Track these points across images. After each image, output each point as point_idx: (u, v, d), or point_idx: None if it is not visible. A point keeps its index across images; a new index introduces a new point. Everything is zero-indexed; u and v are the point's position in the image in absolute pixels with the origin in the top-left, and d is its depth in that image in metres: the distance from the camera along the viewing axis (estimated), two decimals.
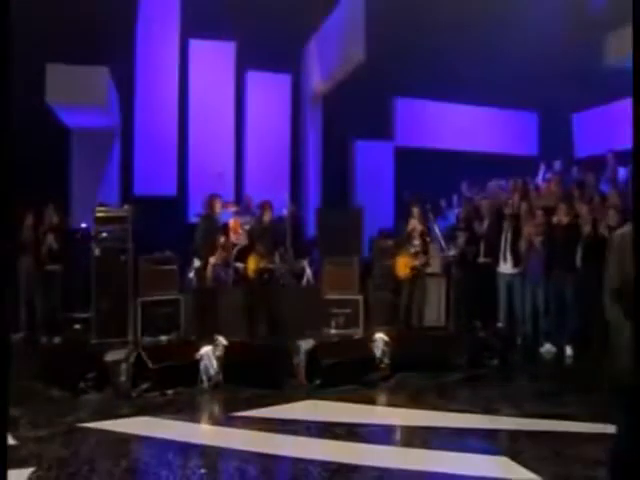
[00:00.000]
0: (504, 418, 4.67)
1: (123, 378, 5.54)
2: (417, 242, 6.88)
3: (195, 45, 9.73)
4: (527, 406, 4.91)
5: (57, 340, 7.29)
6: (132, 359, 5.62)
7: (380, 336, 6.32)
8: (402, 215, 8.93)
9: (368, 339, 6.13)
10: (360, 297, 8.22)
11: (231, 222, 8.80)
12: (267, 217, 7.23)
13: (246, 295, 7.46)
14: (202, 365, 5.56)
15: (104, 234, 7.25)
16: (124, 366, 5.82)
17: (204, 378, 5.54)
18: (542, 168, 8.94)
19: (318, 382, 5.46)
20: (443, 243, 6.76)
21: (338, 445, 4.20)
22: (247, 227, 8.50)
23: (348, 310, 8.22)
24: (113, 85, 8.71)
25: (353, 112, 9.83)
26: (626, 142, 8.24)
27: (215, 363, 5.60)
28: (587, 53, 9.44)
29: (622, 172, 7.44)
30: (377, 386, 5.62)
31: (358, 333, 8.10)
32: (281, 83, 10.20)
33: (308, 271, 8.47)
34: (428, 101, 10.66)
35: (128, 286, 6.95)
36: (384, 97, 10.45)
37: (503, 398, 5.15)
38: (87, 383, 5.32)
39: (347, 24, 8.39)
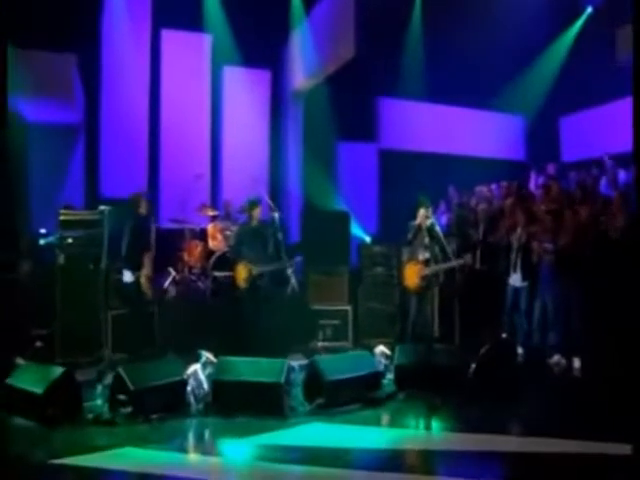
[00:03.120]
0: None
1: (99, 402, 4.97)
2: (427, 240, 6.48)
3: (167, 35, 9.15)
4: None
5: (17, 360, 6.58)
6: (109, 380, 5.06)
7: (381, 349, 5.95)
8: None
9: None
10: (349, 307, 7.87)
11: (209, 227, 8.29)
12: (256, 218, 6.68)
13: (234, 306, 6.92)
14: (190, 385, 5.03)
15: (69, 240, 6.65)
16: (99, 388, 5.26)
17: (192, 400, 5.01)
18: (533, 174, 8.78)
19: (320, 401, 5.01)
20: (449, 250, 6.45)
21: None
22: (228, 233, 8.01)
23: (336, 321, 7.86)
24: (78, 76, 8.08)
25: (336, 112, 9.47)
26: (617, 145, 8.18)
27: (205, 383, 5.07)
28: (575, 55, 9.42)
29: (622, 175, 7.32)
30: (383, 404, 5.21)
31: (348, 345, 7.75)
32: (260, 79, 9.73)
33: (293, 279, 8.00)
34: (413, 102, 10.39)
35: (98, 298, 6.34)
36: (368, 97, 10.14)
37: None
38: (55, 410, 4.70)
39: (335, 19, 8.05)
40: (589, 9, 9.35)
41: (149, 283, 6.31)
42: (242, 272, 6.63)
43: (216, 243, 8.13)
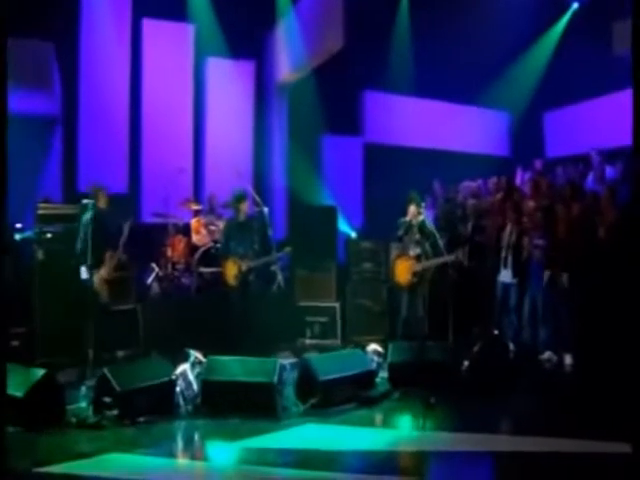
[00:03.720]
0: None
1: (83, 405, 4.76)
2: (417, 236, 6.41)
3: (149, 25, 8.86)
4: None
5: None
6: (93, 381, 4.85)
7: (373, 347, 5.85)
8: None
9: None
10: (337, 304, 7.75)
11: (193, 222, 8.08)
12: (243, 212, 6.51)
13: (221, 303, 6.75)
14: (179, 386, 4.85)
15: (49, 235, 6.38)
16: (83, 390, 5.05)
17: (181, 402, 4.84)
18: (519, 171, 8.75)
19: (314, 401, 4.88)
20: (441, 246, 6.38)
21: None
22: (212, 227, 7.81)
23: (324, 318, 7.73)
24: (56, 65, 7.76)
25: (321, 105, 9.32)
26: (603, 141, 8.18)
27: (194, 384, 4.90)
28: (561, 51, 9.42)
29: (609, 170, 7.33)
30: (379, 404, 5.10)
31: (336, 343, 7.63)
32: (244, 71, 9.51)
33: (279, 276, 7.84)
34: (398, 96, 10.29)
35: (80, 295, 6.08)
36: (354, 90, 10.01)
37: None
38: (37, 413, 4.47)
39: (323, 9, 7.89)
40: (575, 5, 9.37)
41: (107, 284, 5.98)
42: (231, 268, 6.46)
43: (200, 238, 7.92)
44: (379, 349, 5.83)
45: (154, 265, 7.63)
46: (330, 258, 7.92)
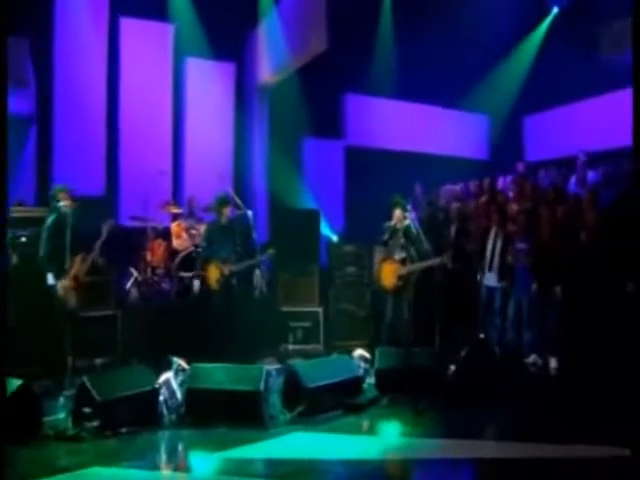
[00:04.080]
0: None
1: (61, 416, 4.58)
2: (403, 241, 6.38)
3: (127, 24, 8.66)
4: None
5: None
6: (72, 391, 4.67)
7: (360, 353, 5.77)
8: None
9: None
10: (320, 309, 7.67)
11: (173, 226, 7.91)
12: (226, 215, 6.40)
13: (202, 309, 6.60)
14: (162, 395, 4.70)
15: (23, 239, 6.18)
16: (61, 400, 4.86)
17: (164, 411, 4.68)
18: (501, 174, 8.79)
19: (300, 409, 4.77)
20: (428, 249, 6.34)
21: None
22: (193, 231, 7.66)
23: (307, 323, 7.64)
24: (30, 62, 7.52)
25: (303, 107, 9.24)
26: (584, 144, 8.23)
27: (178, 392, 4.76)
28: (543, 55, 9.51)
29: (590, 174, 7.40)
30: (367, 411, 5.03)
31: (319, 349, 7.55)
32: (224, 72, 9.36)
33: (261, 280, 7.72)
34: (380, 99, 10.27)
35: (47, 301, 5.86)
36: (335, 93, 9.96)
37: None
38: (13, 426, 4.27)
39: (306, 9, 7.80)
40: (555, 10, 9.47)
41: (76, 289, 5.75)
42: (214, 273, 6.33)
43: (181, 242, 7.76)
44: (365, 355, 5.76)
45: (133, 270, 7.45)
46: (313, 262, 7.83)
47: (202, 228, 7.89)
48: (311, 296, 7.72)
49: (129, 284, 7.37)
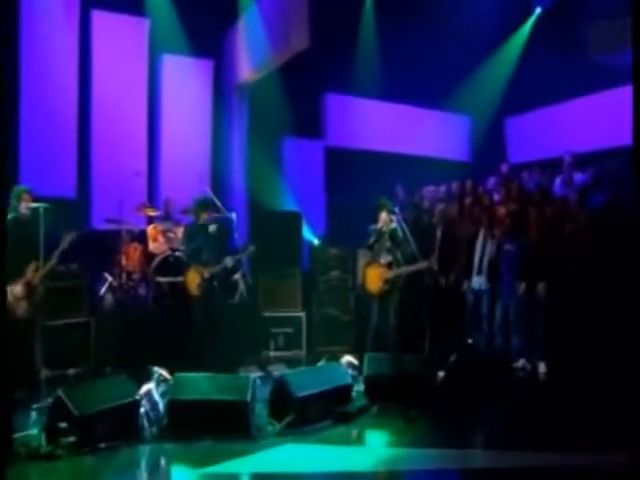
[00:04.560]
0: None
1: (34, 432, 4.33)
2: (389, 244, 6.30)
3: (99, 17, 8.38)
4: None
5: None
6: (46, 404, 4.43)
7: (347, 360, 5.66)
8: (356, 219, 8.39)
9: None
10: (303, 314, 7.54)
11: (149, 229, 7.69)
12: (205, 218, 6.25)
13: (180, 315, 6.41)
14: (143, 407, 4.50)
15: None
16: (34, 415, 4.62)
17: (146, 424, 4.48)
18: (485, 175, 8.79)
19: (289, 419, 4.62)
20: (416, 252, 6.26)
21: None
22: (171, 235, 7.45)
23: (289, 329, 7.51)
24: None
25: (283, 106, 9.11)
26: (569, 146, 8.26)
27: (160, 404, 4.56)
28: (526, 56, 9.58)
29: (578, 175, 7.45)
30: (357, 420, 4.91)
31: (301, 354, 7.42)
32: (202, 69, 9.15)
33: (241, 285, 7.56)
34: (361, 99, 10.20)
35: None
36: (316, 92, 9.86)
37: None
38: None
39: (287, 6, 7.67)
40: (538, 10, 9.54)
41: (25, 298, 5.47)
42: (193, 277, 6.15)
43: (157, 245, 7.54)
44: (353, 361, 5.65)
45: (107, 275, 7.21)
46: (295, 266, 7.71)
47: (180, 231, 7.70)
48: (293, 301, 7.59)
49: (103, 290, 7.13)
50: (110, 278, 7.15)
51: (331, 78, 9.42)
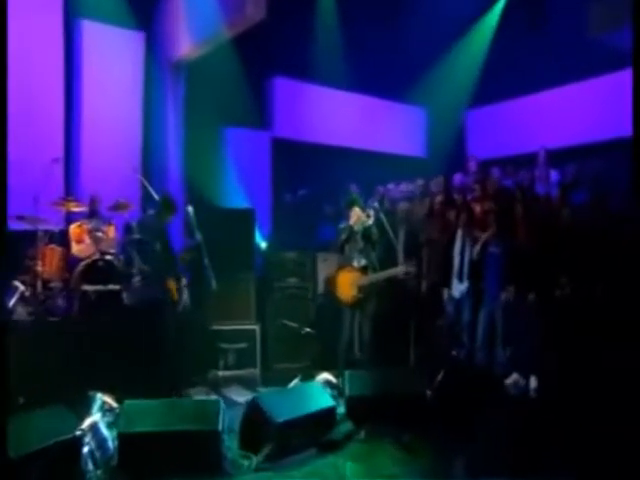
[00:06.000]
0: None
1: None
2: (361, 244, 6.11)
3: None
4: None
5: None
6: None
7: (325, 378, 5.40)
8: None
9: None
10: (257, 327, 7.18)
11: (73, 228, 7.05)
12: (168, 219, 5.89)
13: (112, 330, 5.90)
14: (87, 445, 4.01)
15: None
16: None
17: (90, 466, 3.99)
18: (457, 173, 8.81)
19: (267, 450, 4.29)
20: (401, 255, 6.10)
21: None
22: (99, 234, 6.87)
23: (242, 344, 7.13)
24: None
25: (226, 89, 8.73)
26: (540, 142, 8.42)
27: (109, 439, 4.09)
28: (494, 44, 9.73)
29: (553, 173, 7.57)
30: (343, 447, 4.64)
31: (256, 373, 7.07)
32: (131, 42, 8.56)
33: (184, 293, 7.08)
34: (312, 85, 10.00)
35: None
36: (264, 75, 9.55)
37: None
38: None
39: None
40: None
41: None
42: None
43: (83, 248, 6.92)
44: (332, 379, 5.39)
45: (18, 283, 6.53)
46: (248, 272, 7.33)
47: (110, 230, 7.18)
48: (246, 312, 7.22)
49: (12, 301, 6.44)
50: (21, 287, 6.48)
51: (283, 60, 9.16)
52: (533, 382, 6.06)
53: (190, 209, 5.98)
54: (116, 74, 8.43)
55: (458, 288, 6.59)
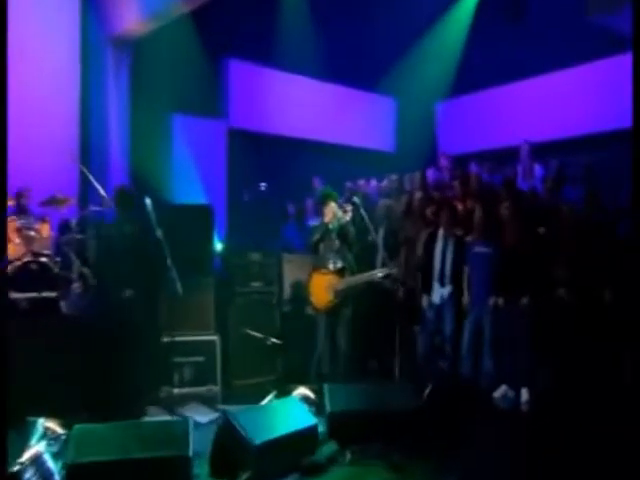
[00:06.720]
0: None
1: None
2: (337, 243, 5.82)
3: None
4: None
5: None
6: None
7: (302, 393, 5.06)
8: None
9: None
10: (217, 338, 6.76)
11: None
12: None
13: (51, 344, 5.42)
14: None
15: None
16: None
17: None
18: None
19: (246, 476, 3.92)
20: (384, 255, 5.80)
21: None
22: (30, 234, 6.36)
23: (200, 358, 6.69)
24: None
25: (177, 71, 8.32)
26: (517, 135, 8.37)
27: (56, 474, 3.62)
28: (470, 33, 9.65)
29: (537, 168, 7.48)
30: (328, 471, 4.32)
31: (214, 390, 6.65)
32: (64, 11, 8.01)
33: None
34: (273, 70, 9.67)
35: None
36: (220, 57, 9.17)
37: None
38: None
39: None
40: None
41: None
42: None
43: (11, 248, 6.38)
44: (309, 394, 5.06)
45: None
46: (206, 275, 6.90)
47: (44, 229, 6.66)
48: (204, 321, 6.78)
49: None
50: None
51: (242, 42, 8.82)
52: (525, 395, 5.88)
53: (148, 202, 5.52)
54: (47, 45, 7.86)
55: (439, 292, 6.35)
